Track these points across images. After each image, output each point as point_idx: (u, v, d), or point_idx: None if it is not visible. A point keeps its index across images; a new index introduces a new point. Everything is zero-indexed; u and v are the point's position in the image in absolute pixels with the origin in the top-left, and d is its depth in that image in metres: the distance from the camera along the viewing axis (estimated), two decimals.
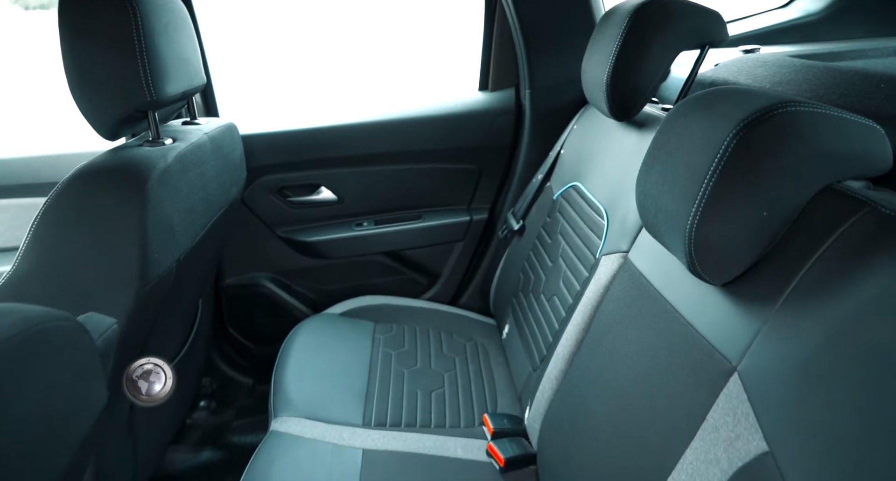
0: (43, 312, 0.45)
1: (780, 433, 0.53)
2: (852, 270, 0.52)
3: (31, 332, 0.43)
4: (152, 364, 0.49)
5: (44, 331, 0.44)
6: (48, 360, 0.44)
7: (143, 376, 0.49)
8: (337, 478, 0.91)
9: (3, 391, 0.39)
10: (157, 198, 0.79)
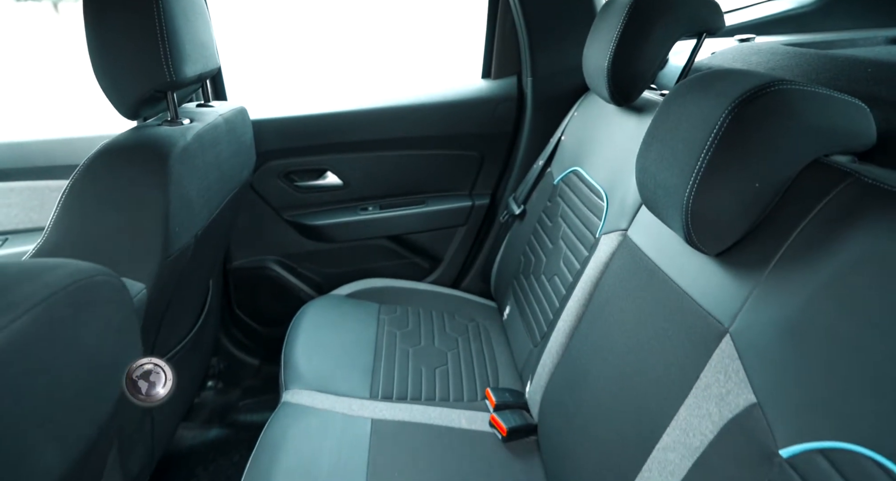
0: (91, 267, 0.48)
1: (768, 386, 0.57)
2: (836, 235, 0.56)
3: (83, 283, 0.46)
4: (152, 364, 0.48)
5: (93, 284, 0.48)
6: (97, 311, 0.48)
7: (143, 376, 0.48)
8: (347, 445, 0.95)
9: (62, 334, 0.43)
10: (177, 175, 0.82)
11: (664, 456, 0.67)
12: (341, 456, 0.93)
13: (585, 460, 0.83)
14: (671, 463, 0.65)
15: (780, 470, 0.53)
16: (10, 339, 0.38)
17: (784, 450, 0.53)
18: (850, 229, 0.55)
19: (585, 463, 0.83)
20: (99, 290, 0.48)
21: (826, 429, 0.50)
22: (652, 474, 0.68)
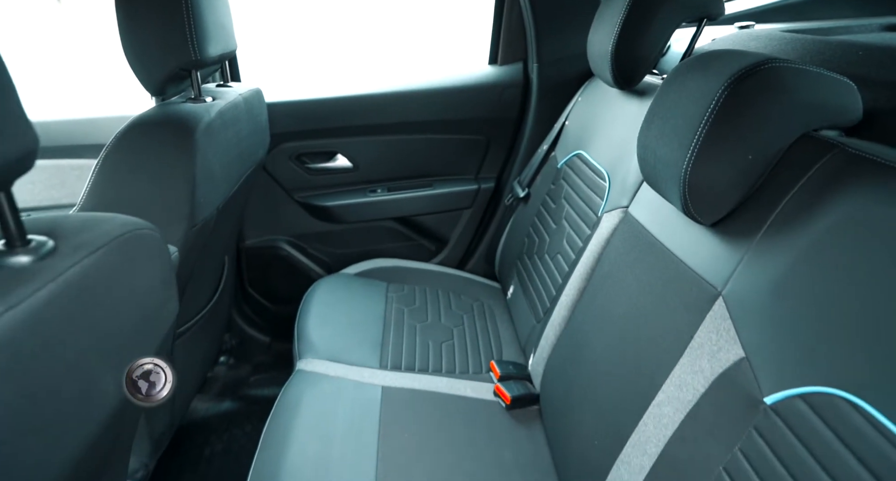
0: (139, 221, 0.53)
1: (756, 341, 0.62)
2: (821, 201, 0.61)
3: (133, 234, 0.51)
4: (153, 364, 0.47)
5: (141, 236, 0.52)
6: (144, 261, 0.53)
7: (143, 376, 0.47)
8: (359, 410, 1.01)
9: (119, 276, 0.48)
10: (203, 148, 0.87)
11: (659, 410, 0.72)
12: (354, 418, 0.98)
13: (585, 420, 0.88)
14: (665, 416, 0.70)
15: (765, 416, 0.58)
16: (82, 274, 0.42)
17: (768, 398, 0.58)
18: (833, 195, 0.60)
19: (585, 423, 0.88)
20: (146, 243, 0.53)
21: (805, 376, 0.55)
22: (647, 428, 0.73)
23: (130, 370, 0.44)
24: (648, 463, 0.71)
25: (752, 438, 0.58)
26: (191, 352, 1.19)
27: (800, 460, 0.53)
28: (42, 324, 0.38)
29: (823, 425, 0.52)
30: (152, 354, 0.57)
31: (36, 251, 0.42)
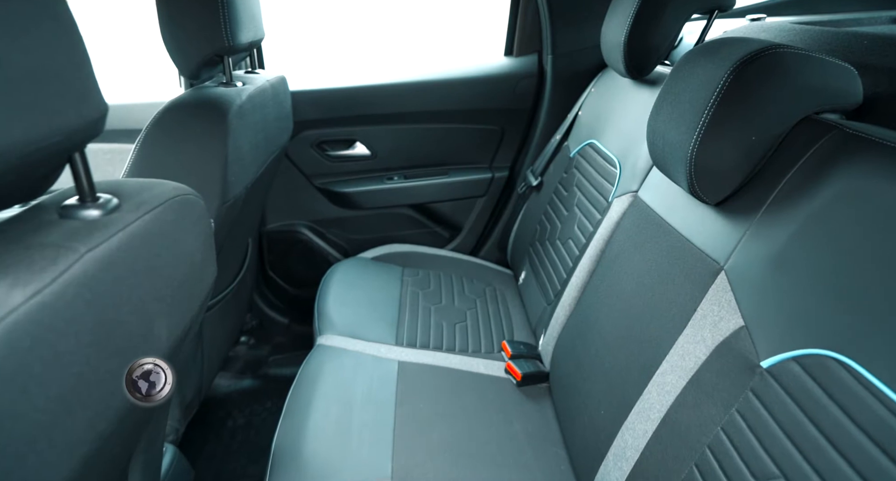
0: (186, 187, 0.58)
1: (754, 311, 0.66)
2: (819, 178, 0.65)
3: (182, 198, 0.56)
4: (152, 364, 0.47)
5: (188, 200, 0.58)
6: (191, 223, 0.58)
7: (143, 376, 0.46)
8: (377, 381, 1.06)
9: (172, 234, 0.53)
10: (234, 129, 0.92)
11: (662, 379, 0.76)
12: (372, 388, 1.03)
13: (592, 392, 0.92)
14: (668, 383, 0.75)
15: (761, 379, 0.62)
16: (143, 228, 0.48)
17: (764, 362, 0.62)
18: (831, 172, 0.64)
19: (592, 395, 0.92)
20: (192, 207, 0.58)
21: (799, 340, 0.59)
22: (651, 395, 0.77)
23: (131, 370, 0.44)
24: (651, 428, 0.75)
25: (748, 400, 0.62)
26: (217, 326, 1.25)
27: (793, 418, 0.57)
28: (113, 266, 0.43)
29: (815, 384, 0.56)
30: (196, 310, 0.62)
31: (104, 206, 0.47)
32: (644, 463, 0.74)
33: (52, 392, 0.37)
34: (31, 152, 0.37)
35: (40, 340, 0.35)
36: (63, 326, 0.37)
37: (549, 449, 0.99)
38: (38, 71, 0.37)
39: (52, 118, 0.38)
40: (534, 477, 0.92)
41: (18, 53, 0.36)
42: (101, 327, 0.42)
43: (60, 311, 0.37)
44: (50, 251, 0.40)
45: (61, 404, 0.38)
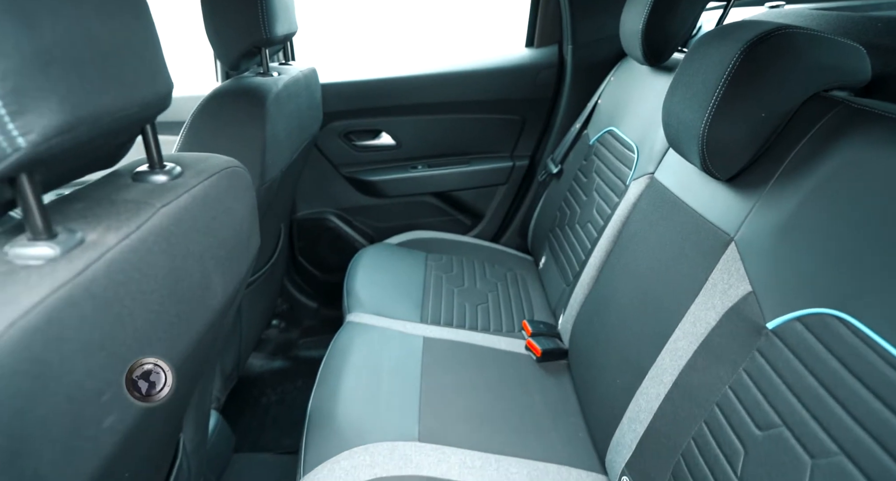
0: (235, 160, 0.65)
1: (761, 276, 0.70)
2: (824, 150, 0.68)
3: (232, 170, 0.63)
4: (152, 364, 0.46)
5: (238, 172, 0.64)
6: (240, 192, 0.64)
7: (143, 376, 0.46)
8: (403, 354, 1.12)
9: (225, 200, 0.59)
10: (272, 116, 0.99)
11: (675, 345, 0.80)
12: (399, 360, 1.09)
13: (609, 364, 0.97)
14: (680, 349, 0.79)
15: (767, 339, 0.65)
16: (203, 192, 0.54)
17: (770, 323, 0.66)
18: (836, 144, 0.67)
19: (608, 366, 0.97)
20: (241, 178, 0.65)
21: (802, 301, 0.63)
22: (664, 361, 0.81)
23: (131, 369, 0.44)
24: (664, 391, 0.79)
25: (754, 359, 0.66)
26: (253, 305, 1.33)
27: (795, 373, 0.60)
28: (181, 221, 0.50)
29: (816, 341, 0.59)
30: (243, 275, 0.69)
31: (170, 173, 0.54)
32: (656, 424, 0.78)
33: (138, 324, 0.43)
34: (116, 120, 0.43)
35: (130, 277, 0.42)
36: (145, 267, 0.44)
37: (568, 419, 1.03)
38: (122, 49, 0.44)
39: (131, 90, 0.45)
40: (552, 444, 0.96)
41: (108, 34, 0.42)
42: (172, 273, 0.48)
43: (143, 255, 0.44)
44: (132, 206, 0.46)
45: (143, 337, 0.44)
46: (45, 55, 0.35)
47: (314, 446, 0.89)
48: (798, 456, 0.56)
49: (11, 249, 0.38)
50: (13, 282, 0.35)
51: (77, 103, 0.37)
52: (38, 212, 0.38)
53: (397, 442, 0.89)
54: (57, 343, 0.35)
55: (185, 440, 0.78)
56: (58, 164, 0.40)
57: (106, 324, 0.39)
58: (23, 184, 0.37)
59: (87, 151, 0.43)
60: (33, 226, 0.38)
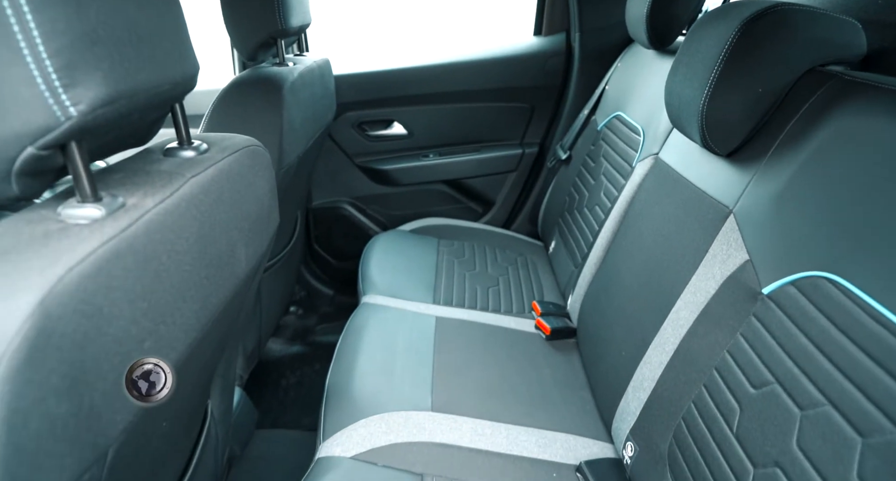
0: (255, 140, 0.69)
1: (758, 244, 0.72)
2: (818, 121, 0.70)
3: (254, 147, 0.67)
4: (152, 364, 0.46)
5: (258, 151, 0.69)
6: (260, 169, 0.69)
7: (143, 376, 0.45)
8: (417, 332, 1.16)
9: (247, 176, 0.64)
10: (288, 103, 1.03)
11: (677, 315, 0.83)
12: (412, 338, 1.13)
13: (614, 338, 1.00)
14: (681, 318, 0.82)
15: (762, 304, 0.68)
16: (228, 166, 0.59)
17: (765, 289, 0.69)
18: (829, 114, 0.69)
19: (614, 340, 1.00)
20: (261, 157, 0.69)
21: (795, 265, 0.65)
22: (666, 331, 0.84)
23: (131, 369, 0.44)
24: (666, 359, 0.82)
25: (751, 324, 0.69)
26: (272, 287, 1.38)
27: (788, 333, 0.63)
28: (209, 192, 0.54)
29: (808, 303, 0.62)
30: (264, 248, 0.73)
31: (198, 149, 0.58)
32: (659, 390, 0.81)
33: (173, 281, 0.48)
34: (150, 96, 0.48)
35: (165, 236, 0.46)
36: (178, 230, 0.48)
37: (576, 393, 1.07)
38: (155, 33, 0.48)
39: (163, 70, 0.49)
40: (560, 415, 1.00)
41: (144, 18, 0.47)
42: (201, 239, 0.53)
43: (176, 218, 0.48)
44: (165, 175, 0.51)
45: (177, 294, 0.49)
46: (91, 35, 0.40)
47: (333, 415, 0.94)
48: (788, 409, 0.59)
49: (64, 210, 0.42)
50: (67, 237, 0.39)
51: (117, 79, 0.42)
52: (86, 177, 0.42)
53: (411, 412, 0.94)
54: (106, 290, 0.40)
55: (213, 407, 0.83)
56: (100, 136, 0.45)
57: (146, 277, 0.44)
58: (72, 151, 0.41)
59: (124, 125, 0.47)
60: (82, 190, 0.43)
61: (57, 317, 0.35)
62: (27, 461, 0.34)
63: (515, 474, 0.86)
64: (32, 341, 0.33)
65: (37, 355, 0.34)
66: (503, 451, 0.90)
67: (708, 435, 0.69)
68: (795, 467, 0.56)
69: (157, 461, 0.58)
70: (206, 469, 0.81)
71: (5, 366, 0.32)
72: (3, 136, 0.38)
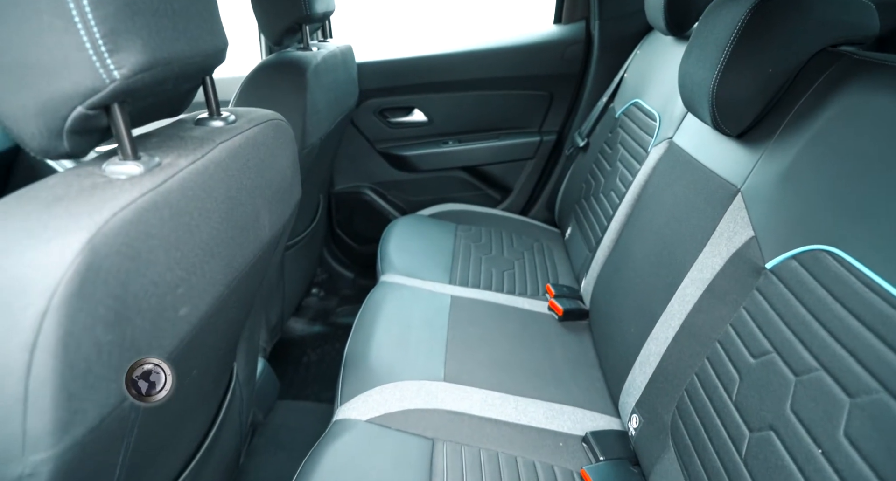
0: (279, 115, 0.74)
1: (763, 221, 0.74)
2: (825, 99, 0.71)
3: (279, 121, 0.72)
4: (152, 364, 0.46)
5: (282, 125, 0.73)
6: (284, 142, 0.73)
7: (143, 376, 0.45)
8: (432, 309, 1.20)
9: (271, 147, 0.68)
10: (312, 86, 1.08)
11: (683, 292, 0.85)
12: (428, 314, 1.17)
13: (624, 317, 1.02)
14: (688, 294, 0.84)
15: (765, 278, 0.70)
16: (253, 136, 0.63)
17: (769, 264, 0.70)
18: (835, 94, 0.70)
19: (624, 318, 1.02)
20: (285, 131, 0.74)
21: (797, 240, 0.67)
22: (673, 307, 0.86)
23: (131, 369, 0.44)
24: (671, 334, 0.84)
25: (754, 298, 0.71)
26: (296, 265, 1.44)
27: (788, 305, 0.65)
28: (236, 158, 0.59)
29: (808, 276, 0.64)
30: (287, 217, 0.78)
31: (226, 119, 0.63)
32: (664, 364, 0.84)
33: (203, 236, 0.53)
34: (184, 66, 0.52)
35: (196, 194, 0.51)
36: (208, 190, 0.53)
37: (586, 371, 1.09)
38: (189, 8, 0.53)
39: (196, 42, 0.53)
40: (569, 390, 1.03)
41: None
42: (228, 200, 0.57)
43: (207, 179, 0.53)
44: (197, 140, 0.56)
45: (207, 248, 0.54)
46: (132, 6, 0.44)
47: (350, 382, 0.98)
48: (784, 375, 0.61)
49: (107, 167, 0.47)
50: (111, 188, 0.44)
51: (155, 47, 0.46)
52: (127, 137, 0.47)
53: (424, 381, 0.98)
54: (144, 237, 0.44)
55: (238, 370, 0.88)
56: (139, 100, 0.49)
57: (179, 230, 0.48)
58: (115, 113, 0.46)
59: (159, 92, 0.52)
60: (123, 149, 0.47)
61: (103, 255, 0.40)
62: (80, 378, 0.39)
63: (523, 442, 0.90)
64: (83, 274, 0.38)
65: (86, 287, 0.38)
66: (512, 421, 0.93)
67: (709, 405, 0.72)
68: (788, 429, 0.58)
69: (187, 406, 0.63)
70: (231, 426, 0.87)
71: (60, 294, 0.37)
72: (57, 96, 0.43)
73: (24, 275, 0.36)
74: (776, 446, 0.58)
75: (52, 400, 0.37)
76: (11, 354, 0.35)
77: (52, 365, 0.37)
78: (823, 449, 0.53)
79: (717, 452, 0.67)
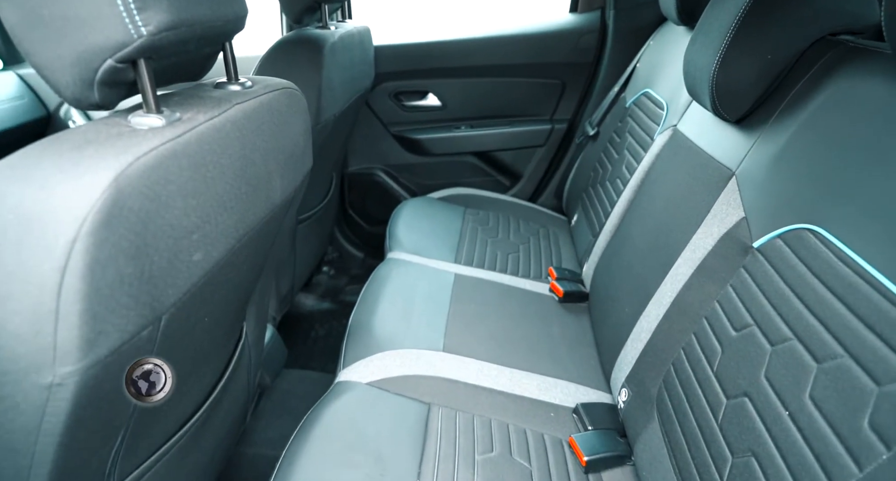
0: (294, 84, 0.78)
1: (754, 203, 0.76)
2: (818, 86, 0.73)
3: (290, 91, 0.76)
4: (152, 364, 0.46)
5: (295, 94, 0.77)
6: (296, 111, 0.77)
7: (143, 376, 0.46)
8: (436, 286, 1.24)
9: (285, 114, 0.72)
10: (328, 63, 1.12)
11: (676, 271, 0.88)
12: (431, 290, 1.21)
13: (620, 296, 1.05)
14: (680, 273, 0.86)
15: (752, 257, 0.73)
16: (268, 101, 0.67)
17: (756, 243, 0.73)
18: (828, 79, 0.72)
19: (620, 298, 1.05)
20: (298, 99, 0.78)
21: (783, 220, 0.69)
22: (666, 286, 0.89)
23: (131, 369, 0.44)
24: (662, 311, 0.87)
25: (740, 276, 0.73)
26: (307, 238, 1.49)
27: (770, 281, 0.68)
28: (251, 119, 0.63)
29: (791, 254, 0.66)
30: (298, 184, 0.82)
31: (243, 85, 0.67)
32: (653, 340, 0.87)
33: (218, 189, 0.57)
34: (206, 29, 0.56)
35: (213, 148, 0.55)
36: (224, 145, 0.57)
37: (582, 349, 1.13)
38: None
39: (218, 7, 0.57)
40: (565, 367, 1.06)
41: None
42: (242, 158, 0.61)
43: (223, 136, 0.57)
44: (215, 100, 0.60)
45: (221, 200, 0.58)
46: None
47: (353, 348, 1.03)
48: (762, 346, 0.64)
49: (132, 118, 0.52)
50: (135, 136, 0.49)
51: (180, 8, 0.50)
52: (151, 91, 0.51)
53: (424, 351, 1.02)
54: (164, 182, 0.49)
55: (248, 330, 0.93)
56: (164, 58, 0.54)
57: (196, 179, 0.53)
58: (141, 67, 0.50)
59: (182, 53, 0.56)
60: (147, 102, 0.52)
61: (127, 193, 0.44)
62: (104, 303, 0.43)
63: (515, 411, 0.94)
64: (109, 208, 0.42)
65: (112, 220, 0.43)
66: (506, 390, 0.97)
67: (692, 376, 0.75)
68: (760, 395, 0.61)
69: (199, 353, 0.68)
70: (239, 382, 0.92)
71: (89, 223, 0.41)
72: (90, 49, 0.47)
73: (57, 206, 0.41)
74: (749, 411, 0.61)
75: (79, 317, 0.41)
76: (46, 274, 0.40)
77: (79, 287, 0.41)
78: (790, 410, 0.56)
79: (697, 420, 0.70)
